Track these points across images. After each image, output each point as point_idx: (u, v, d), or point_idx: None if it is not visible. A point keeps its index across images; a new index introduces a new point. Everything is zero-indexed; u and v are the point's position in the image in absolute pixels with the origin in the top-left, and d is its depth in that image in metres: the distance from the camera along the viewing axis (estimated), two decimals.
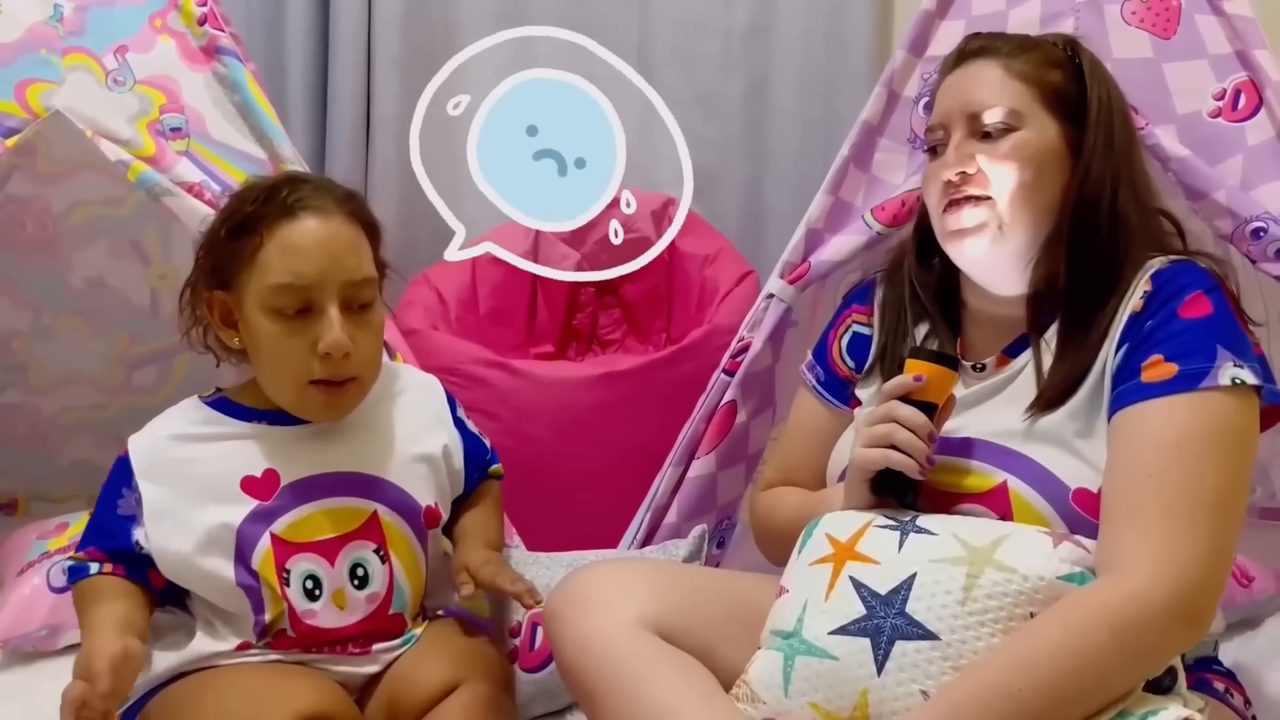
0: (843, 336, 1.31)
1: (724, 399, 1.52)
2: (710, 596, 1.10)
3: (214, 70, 1.54)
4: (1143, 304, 1.06)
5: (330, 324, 1.07)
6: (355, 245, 1.12)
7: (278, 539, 1.11)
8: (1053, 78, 1.14)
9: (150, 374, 2.05)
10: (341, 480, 1.16)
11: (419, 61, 2.26)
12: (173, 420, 1.17)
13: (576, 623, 1.03)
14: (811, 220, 1.52)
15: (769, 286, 1.53)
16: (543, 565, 1.39)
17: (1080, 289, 1.09)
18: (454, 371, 1.82)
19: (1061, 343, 1.10)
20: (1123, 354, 1.05)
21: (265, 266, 1.08)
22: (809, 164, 2.24)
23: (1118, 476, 1.00)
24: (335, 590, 1.13)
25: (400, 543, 1.18)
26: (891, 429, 1.06)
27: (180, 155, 1.49)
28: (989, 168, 1.11)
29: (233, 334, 1.14)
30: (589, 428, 1.82)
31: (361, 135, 2.28)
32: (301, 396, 1.12)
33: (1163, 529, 0.95)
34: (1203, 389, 0.99)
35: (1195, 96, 1.36)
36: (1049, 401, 1.08)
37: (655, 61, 2.30)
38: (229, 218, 1.11)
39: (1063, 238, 1.10)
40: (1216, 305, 1.04)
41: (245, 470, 1.13)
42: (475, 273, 2.11)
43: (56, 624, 1.50)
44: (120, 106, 1.48)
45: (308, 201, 1.09)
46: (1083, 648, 0.91)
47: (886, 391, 1.10)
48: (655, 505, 1.53)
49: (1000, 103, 1.12)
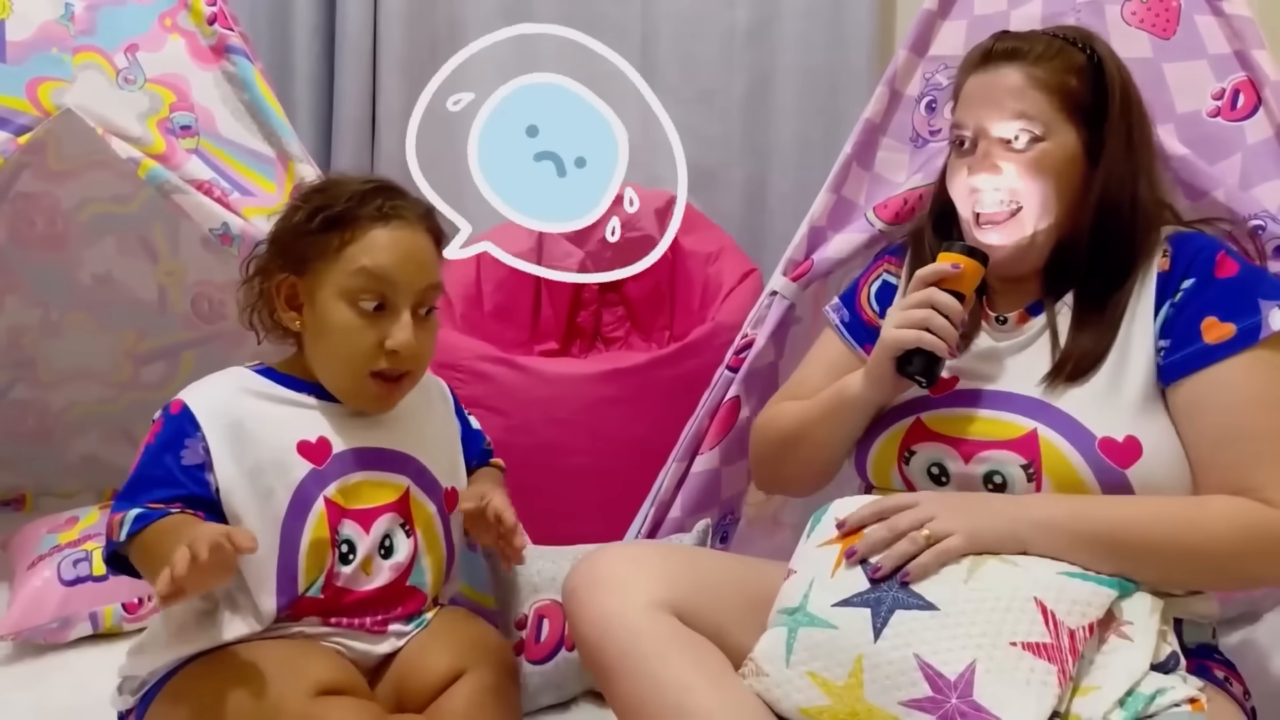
0: (873, 283, 1.35)
1: (727, 395, 1.52)
2: (722, 580, 1.13)
3: (223, 69, 1.56)
4: (1169, 263, 1.15)
5: (403, 324, 1.15)
6: (432, 256, 1.21)
7: (331, 502, 1.16)
8: (1072, 85, 1.18)
9: (157, 369, 2.06)
10: (382, 456, 1.21)
11: (423, 59, 2.27)
12: (226, 379, 1.20)
13: (595, 603, 1.06)
14: (814, 218, 1.53)
15: (772, 284, 1.54)
16: (548, 559, 1.40)
17: (1098, 268, 1.17)
18: (459, 368, 1.83)
19: (1079, 317, 1.16)
20: (1167, 314, 1.13)
21: (353, 261, 1.15)
22: (811, 161, 2.25)
23: (1218, 443, 1.07)
24: (365, 557, 1.17)
25: (426, 520, 1.23)
26: (928, 313, 1.12)
27: (190, 153, 1.51)
28: (1015, 179, 1.16)
29: (295, 316, 1.19)
30: (593, 424, 1.82)
31: (367, 132, 2.29)
32: (359, 385, 1.17)
33: None
34: (1263, 341, 1.08)
35: (1194, 96, 1.37)
36: (1071, 375, 1.13)
37: (657, 60, 2.31)
38: (320, 210, 1.16)
39: (1085, 230, 1.17)
40: (1240, 263, 1.14)
41: (301, 435, 1.17)
42: (480, 270, 2.11)
43: (67, 616, 1.51)
44: (131, 105, 1.50)
45: (400, 211, 1.18)
46: (1209, 527, 1.03)
47: (922, 277, 1.15)
48: (659, 500, 1.54)
49: (1024, 114, 1.16)
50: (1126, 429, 1.09)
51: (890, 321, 1.16)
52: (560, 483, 1.79)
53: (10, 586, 1.57)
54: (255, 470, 1.14)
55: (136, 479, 1.13)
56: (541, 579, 1.38)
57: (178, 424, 1.14)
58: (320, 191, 1.20)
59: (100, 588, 1.54)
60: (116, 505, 1.12)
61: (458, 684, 1.15)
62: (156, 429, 1.14)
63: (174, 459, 1.12)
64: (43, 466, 2.05)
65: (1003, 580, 0.99)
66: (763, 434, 1.33)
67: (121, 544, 1.09)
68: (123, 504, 1.11)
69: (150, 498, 1.10)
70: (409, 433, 1.24)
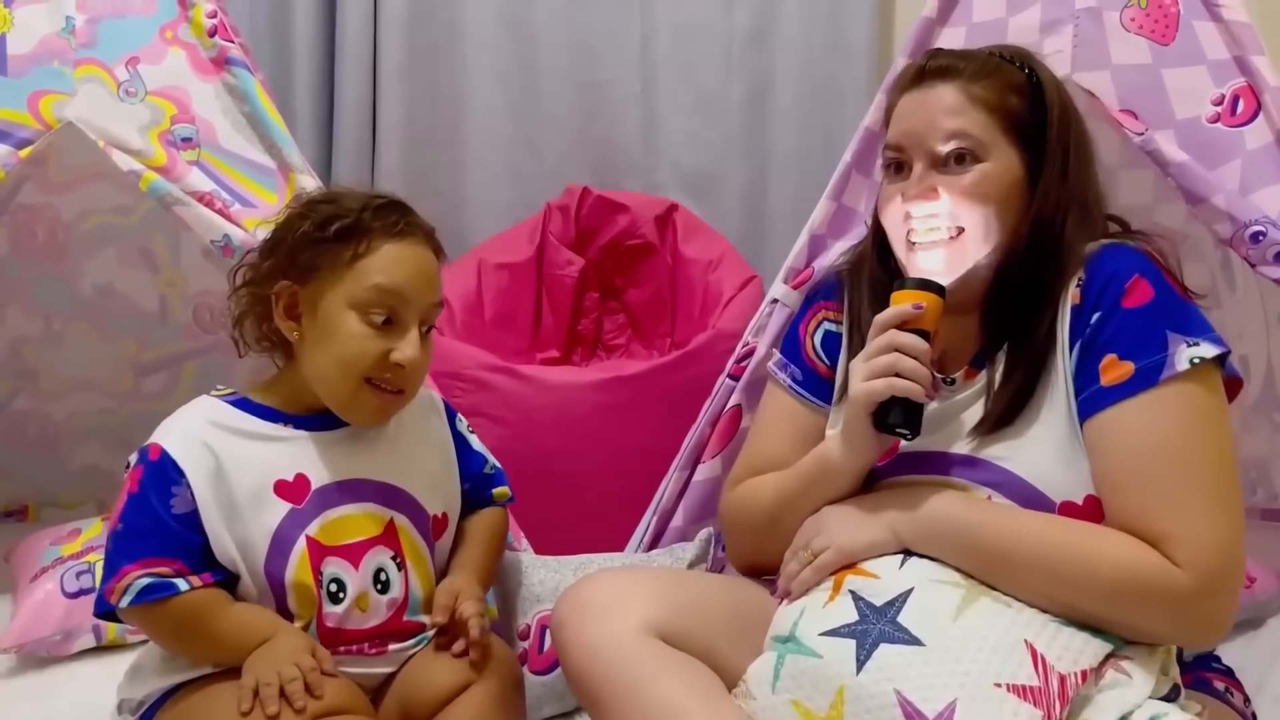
0: (814, 333, 1.28)
1: (729, 403, 1.52)
2: (712, 601, 1.12)
3: (224, 81, 1.55)
4: (1080, 295, 1.07)
5: (410, 339, 1.14)
6: (438, 275, 1.20)
7: (313, 541, 1.14)
8: (1013, 104, 1.12)
9: (159, 380, 2.06)
10: (364, 487, 1.18)
11: (423, 66, 2.26)
12: (199, 416, 1.17)
13: (582, 630, 1.04)
14: (815, 226, 1.52)
15: (773, 292, 1.54)
16: (550, 569, 1.40)
17: (1026, 300, 1.10)
18: (459, 376, 1.82)
19: (1010, 359, 1.10)
20: (1076, 355, 1.06)
21: (367, 272, 1.13)
22: (810, 167, 2.25)
23: (1114, 490, 1.01)
24: (359, 594, 1.15)
25: (414, 550, 1.20)
26: (895, 358, 1.05)
27: (191, 165, 1.50)
28: (953, 203, 1.09)
29: (293, 326, 1.17)
30: (594, 432, 1.81)
31: (367, 143, 2.28)
32: (356, 395, 1.15)
33: (1178, 522, 0.97)
34: (1164, 382, 1.00)
35: (1194, 102, 1.37)
36: (996, 422, 1.08)
37: (656, 65, 2.30)
38: (332, 220, 1.15)
39: (1016, 258, 1.10)
40: (1156, 286, 1.04)
41: (278, 473, 1.15)
42: (480, 278, 2.11)
43: (70, 629, 1.51)
44: (132, 117, 1.49)
45: (413, 228, 1.17)
46: (1095, 562, 0.97)
47: (882, 322, 1.08)
48: (661, 509, 1.54)
49: (963, 133, 1.10)
50: (1086, 488, 1.03)
51: (857, 376, 1.08)
52: (562, 491, 1.79)
53: (13, 599, 1.57)
54: (233, 514, 1.12)
55: (127, 531, 1.10)
56: (543, 589, 1.37)
57: (160, 471, 1.10)
58: (328, 202, 1.19)
59: None
60: (107, 561, 1.10)
61: (463, 696, 1.14)
62: (137, 475, 1.11)
63: (164, 507, 1.09)
64: (45, 477, 2.04)
65: (993, 620, 0.97)
66: (740, 515, 1.25)
67: (122, 609, 1.09)
68: (118, 560, 1.09)
69: (146, 552, 1.09)
70: (393, 458, 1.22)
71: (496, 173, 2.32)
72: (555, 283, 2.18)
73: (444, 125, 2.30)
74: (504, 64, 2.28)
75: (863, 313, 1.21)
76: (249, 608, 1.12)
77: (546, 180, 2.30)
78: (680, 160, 2.32)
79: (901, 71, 1.19)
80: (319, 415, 1.18)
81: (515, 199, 2.32)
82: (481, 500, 1.33)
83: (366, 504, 1.18)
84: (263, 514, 1.13)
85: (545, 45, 2.29)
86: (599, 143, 2.33)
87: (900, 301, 1.08)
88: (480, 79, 2.29)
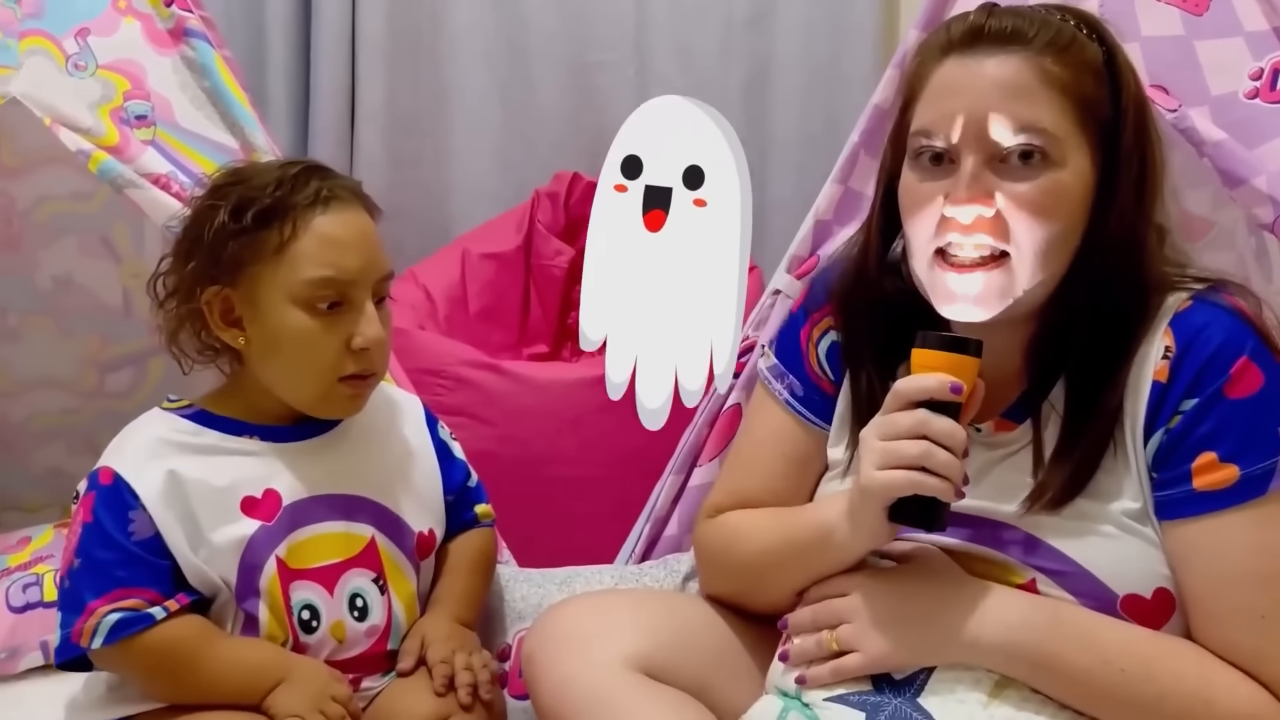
0: (819, 342, 1.10)
1: (728, 402, 1.44)
2: (703, 629, 1.03)
3: (182, 54, 1.47)
4: (1169, 371, 0.90)
5: (367, 318, 1.05)
6: (378, 238, 1.10)
7: (282, 563, 1.05)
8: (1090, 89, 0.91)
9: (124, 378, 1.96)
10: (340, 503, 1.10)
11: (406, 50, 2.20)
12: (153, 434, 1.08)
13: (555, 665, 0.95)
14: (820, 211, 1.44)
15: (775, 282, 1.45)
16: (534, 583, 1.32)
17: (1091, 352, 0.92)
18: (441, 374, 1.76)
19: (1070, 419, 0.93)
20: (1159, 444, 0.90)
21: (301, 259, 1.03)
22: (811, 155, 2.20)
23: (1208, 617, 0.88)
24: (334, 622, 1.07)
25: (397, 572, 1.12)
26: (927, 449, 0.86)
27: (146, 145, 1.42)
28: (1013, 215, 0.88)
29: (237, 334, 1.07)
30: (584, 432, 1.75)
31: (346, 128, 2.22)
32: (329, 393, 1.07)
33: None
34: (1275, 493, 0.86)
35: (1230, 76, 1.28)
36: (1055, 499, 0.91)
37: (652, 49, 2.24)
38: (246, 205, 1.04)
39: (1077, 287, 0.92)
40: (1268, 371, 0.88)
41: (244, 490, 1.06)
42: (465, 269, 2.06)
43: (15, 646, 1.41)
44: (81, 93, 1.40)
45: (338, 192, 1.06)
46: (1193, 701, 0.85)
47: (904, 395, 0.89)
48: (655, 516, 1.46)
49: (1036, 125, 0.88)
50: (1155, 580, 0.89)
51: (871, 456, 0.89)
52: (549, 496, 1.73)
53: None
54: (197, 538, 1.03)
55: (87, 565, 1.02)
56: (526, 605, 1.29)
57: (115, 496, 1.02)
58: (236, 183, 1.07)
59: (52, 614, 1.41)
60: (69, 600, 1.02)
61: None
62: (89, 503, 1.03)
63: (123, 535, 1.01)
64: (6, 481, 1.94)
65: (1032, 715, 0.86)
66: (717, 556, 1.10)
67: (95, 651, 1.00)
68: (82, 597, 1.01)
69: (112, 585, 1.00)
70: (373, 471, 1.13)
71: (483, 159, 2.26)
72: (544, 274, 2.12)
73: (427, 109, 2.24)
74: (491, 45, 2.22)
75: (861, 347, 1.04)
76: (248, 642, 1.04)
77: (535, 167, 2.24)
78: None
79: (935, 31, 0.98)
80: (288, 424, 1.10)
81: (502, 187, 2.26)
82: (464, 521, 1.24)
83: (343, 521, 1.09)
84: (230, 535, 1.04)
85: (535, 26, 2.23)
86: (590, 128, 2.26)
87: (926, 367, 0.88)
88: (466, 60, 2.22)
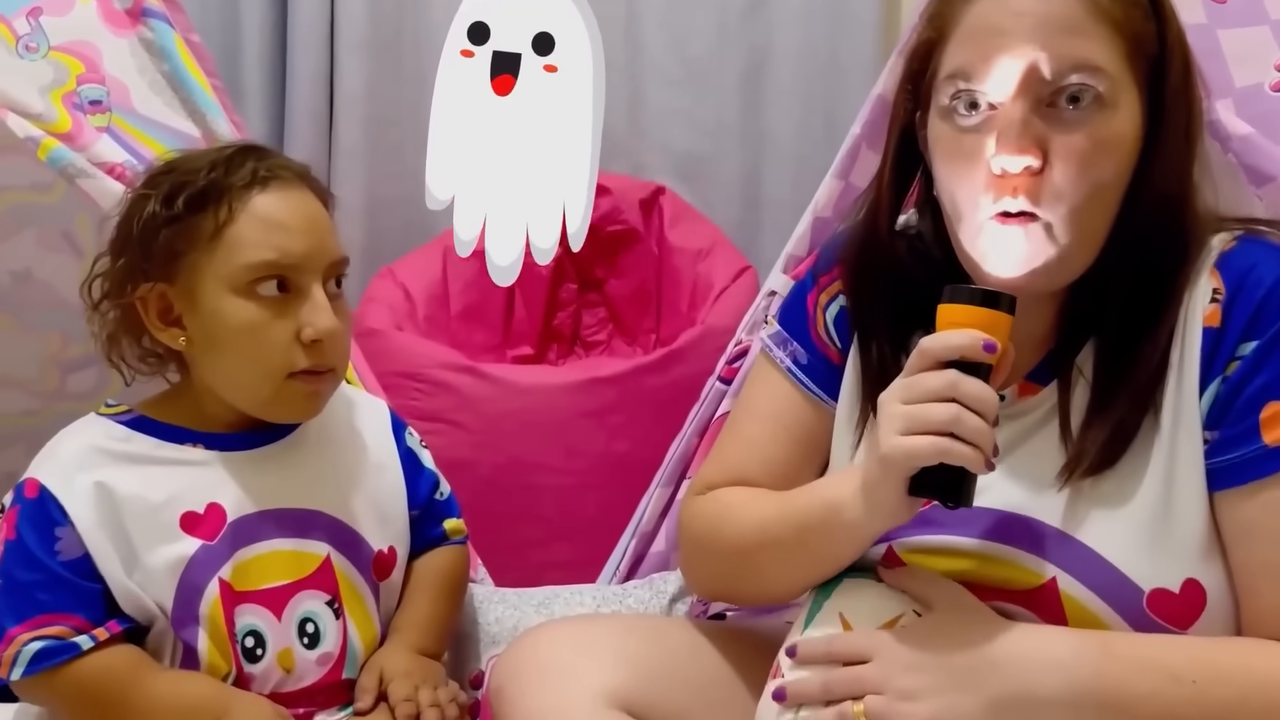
0: (827, 308, 1.01)
1: (719, 410, 1.36)
2: (688, 659, 0.94)
3: (140, 35, 1.38)
4: (1220, 315, 0.82)
5: (317, 306, 0.97)
6: (328, 220, 1.02)
7: (226, 585, 0.97)
8: (1139, 23, 0.83)
9: (87, 378, 1.88)
10: (291, 518, 1.01)
11: (387, 37, 2.11)
12: (86, 441, 1.00)
13: (527, 699, 0.86)
14: (819, 207, 1.36)
15: (770, 283, 1.38)
16: (510, 604, 1.24)
17: (1131, 302, 0.85)
18: (417, 377, 1.68)
19: (1102, 376, 0.85)
20: (1213, 398, 0.82)
21: (239, 243, 0.96)
22: (810, 149, 2.14)
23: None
24: (282, 650, 0.98)
25: (354, 595, 1.03)
26: (957, 413, 0.77)
27: (100, 131, 1.33)
28: (1064, 166, 0.80)
29: (178, 333, 0.99)
30: (568, 440, 1.68)
31: (324, 119, 2.13)
32: (280, 391, 0.98)
33: None
34: None
35: (1256, 67, 1.21)
36: (1092, 465, 0.83)
37: (644, 36, 2.16)
38: (178, 190, 0.96)
39: (1126, 245, 0.85)
40: None
41: (184, 505, 0.98)
42: (447, 267, 1.97)
43: None
44: (32, 76, 1.31)
45: (278, 172, 0.99)
46: (1276, 693, 0.77)
47: (931, 354, 0.79)
48: (641, 531, 1.38)
49: (1090, 64, 0.80)
50: (1185, 570, 0.81)
51: (893, 423, 0.79)
52: (530, 507, 1.66)
53: None
54: (131, 559, 0.95)
55: (8, 587, 0.94)
56: (500, 629, 1.21)
57: (40, 511, 0.94)
58: (168, 171, 1.00)
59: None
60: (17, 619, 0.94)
61: None
62: (12, 519, 0.95)
63: (48, 554, 0.93)
64: None
65: None
66: (705, 536, 1.00)
67: (16, 683, 0.92)
68: (2, 623, 0.93)
69: (35, 610, 0.93)
70: (329, 483, 1.05)
71: None
72: (529, 272, 1.98)
73: (409, 99, 2.14)
74: None
75: (873, 313, 0.96)
76: (185, 676, 0.96)
77: None
78: (668, 140, 2.20)
79: None
80: (236, 432, 1.01)
81: None
82: (430, 538, 1.15)
83: (294, 539, 1.01)
84: (167, 555, 0.95)
85: None
86: None
87: (954, 324, 0.80)
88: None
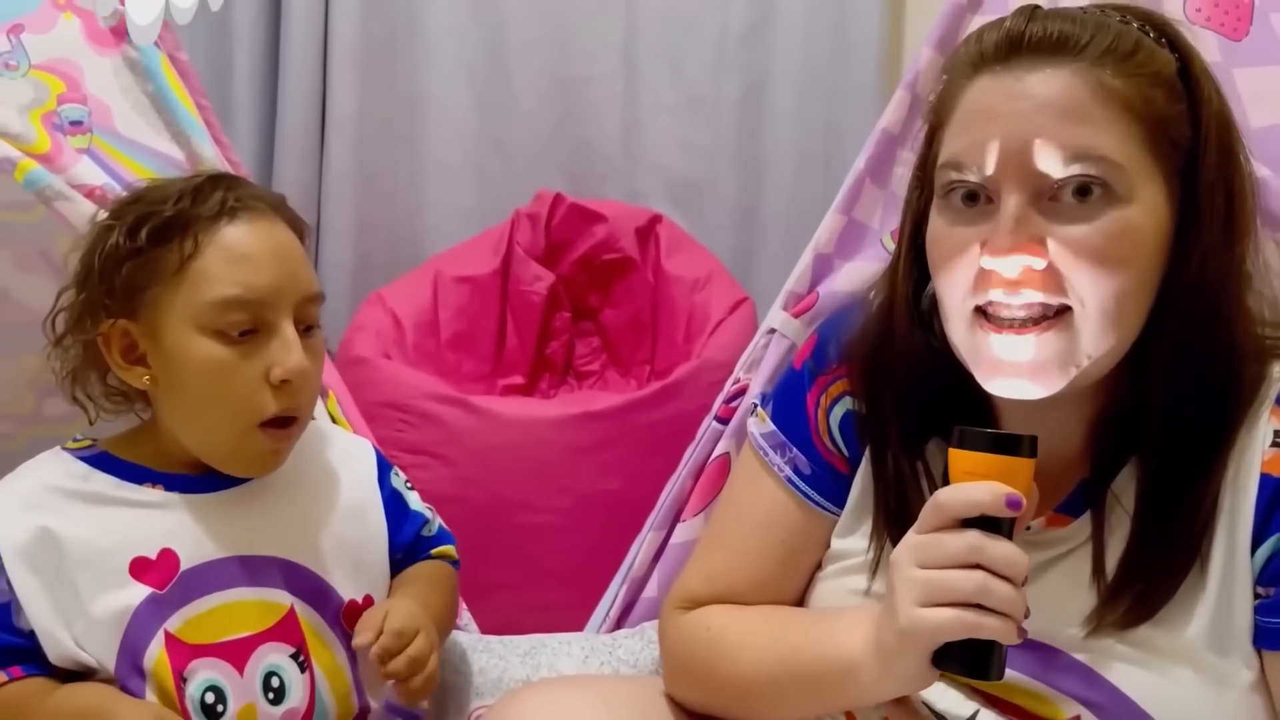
0: (830, 410, 0.93)
1: (716, 452, 1.31)
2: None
3: (124, 55, 1.35)
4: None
5: (287, 344, 0.92)
6: (302, 253, 0.98)
7: (173, 639, 0.92)
8: (1161, 106, 0.75)
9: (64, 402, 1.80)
10: (254, 566, 0.97)
11: (379, 53, 2.10)
12: (38, 478, 0.97)
13: None
14: (820, 244, 1.32)
15: (770, 320, 1.33)
16: (495, 653, 1.19)
17: (1174, 419, 0.76)
18: (403, 408, 1.65)
19: (1146, 515, 0.77)
20: (1274, 550, 0.75)
21: (204, 278, 0.91)
22: (809, 176, 2.13)
23: None
24: (244, 706, 0.93)
25: (321, 646, 0.98)
26: (983, 581, 0.69)
27: (80, 153, 1.29)
28: (1071, 266, 0.73)
29: (142, 372, 0.95)
30: (557, 477, 1.64)
31: (315, 139, 2.12)
32: (244, 442, 0.94)
33: None
34: None
35: (1272, 107, 1.17)
36: (1127, 618, 0.77)
37: (641, 61, 2.15)
38: (142, 222, 0.93)
39: (1153, 351, 0.76)
40: None
41: (136, 550, 0.93)
42: (437, 293, 1.95)
43: None
44: (11, 95, 1.27)
45: (249, 203, 0.95)
46: None
47: (950, 510, 0.71)
48: (632, 576, 1.33)
49: (1092, 152, 0.73)
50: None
51: (910, 590, 0.71)
52: (518, 546, 1.62)
53: None
54: (73, 606, 0.91)
55: None
56: (484, 680, 1.16)
57: None
58: (134, 201, 0.97)
59: None
60: None
61: None
62: None
63: None
64: None
65: None
66: (692, 663, 0.92)
67: None
68: None
69: None
70: (297, 528, 1.00)
71: (459, 175, 2.16)
72: (521, 300, 2.02)
73: (401, 120, 2.14)
74: (470, 53, 2.13)
75: (888, 422, 0.87)
76: (79, 687, 0.91)
77: (515, 185, 2.14)
78: (665, 166, 2.18)
79: (970, 40, 0.81)
80: (199, 474, 0.97)
81: (479, 205, 2.16)
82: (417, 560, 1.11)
83: (256, 588, 0.96)
84: (111, 605, 0.91)
85: (516, 34, 2.13)
86: (575, 144, 2.18)
87: (968, 472, 0.72)
88: (443, 69, 2.13)
